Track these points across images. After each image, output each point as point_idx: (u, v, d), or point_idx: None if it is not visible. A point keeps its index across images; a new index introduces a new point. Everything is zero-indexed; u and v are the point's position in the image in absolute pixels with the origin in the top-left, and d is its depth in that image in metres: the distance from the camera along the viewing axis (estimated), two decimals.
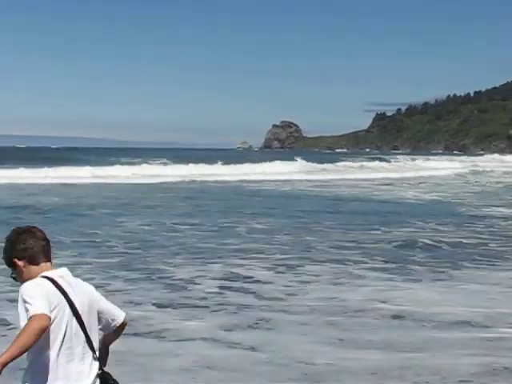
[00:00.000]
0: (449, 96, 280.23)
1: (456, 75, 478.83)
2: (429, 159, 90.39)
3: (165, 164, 61.98)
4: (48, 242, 4.15)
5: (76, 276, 4.14)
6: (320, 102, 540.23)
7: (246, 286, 12.46)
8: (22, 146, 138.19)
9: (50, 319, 3.78)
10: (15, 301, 3.98)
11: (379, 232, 19.74)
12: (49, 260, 4.12)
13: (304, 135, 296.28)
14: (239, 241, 17.54)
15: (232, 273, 13.49)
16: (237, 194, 33.85)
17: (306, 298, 11.60)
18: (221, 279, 12.91)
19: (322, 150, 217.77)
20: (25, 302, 3.79)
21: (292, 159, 66.50)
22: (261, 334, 9.46)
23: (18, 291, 3.89)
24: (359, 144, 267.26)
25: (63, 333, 3.91)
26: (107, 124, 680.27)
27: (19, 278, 4.08)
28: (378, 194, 35.95)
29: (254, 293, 11.93)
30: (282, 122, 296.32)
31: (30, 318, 3.71)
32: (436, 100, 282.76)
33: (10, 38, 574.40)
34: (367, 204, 29.39)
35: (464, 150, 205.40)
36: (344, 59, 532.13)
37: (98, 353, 4.09)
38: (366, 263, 14.72)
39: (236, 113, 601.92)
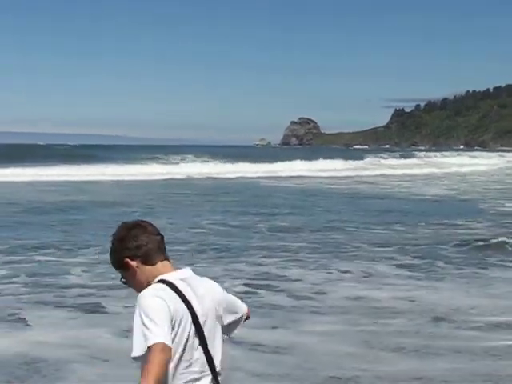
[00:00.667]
0: (468, 91, 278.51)
1: (475, 70, 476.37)
2: (460, 155, 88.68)
3: (205, 161, 60.96)
4: (162, 237, 3.58)
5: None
6: (338, 99, 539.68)
7: (274, 283, 12.12)
8: (41, 144, 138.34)
9: (171, 350, 3.21)
10: None
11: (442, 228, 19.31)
12: (166, 258, 3.55)
13: (322, 132, 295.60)
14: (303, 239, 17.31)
15: (261, 272, 13.17)
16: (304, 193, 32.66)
17: (335, 297, 11.20)
18: (248, 278, 12.54)
19: (340, 146, 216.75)
20: (144, 325, 3.18)
21: (324, 156, 66.15)
22: (286, 335, 9.07)
23: None
24: (378, 140, 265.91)
25: (181, 351, 3.31)
26: (118, 121, 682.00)
27: (131, 281, 3.51)
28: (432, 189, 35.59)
29: (283, 291, 11.54)
30: (300, 118, 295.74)
31: (150, 347, 3.14)
32: (455, 96, 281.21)
33: (9, 38, 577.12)
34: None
35: (484, 146, 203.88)
36: (363, 55, 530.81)
37: (220, 376, 3.46)
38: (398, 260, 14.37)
39: (253, 110, 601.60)
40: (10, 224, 19.16)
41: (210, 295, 3.46)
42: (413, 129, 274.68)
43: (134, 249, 3.48)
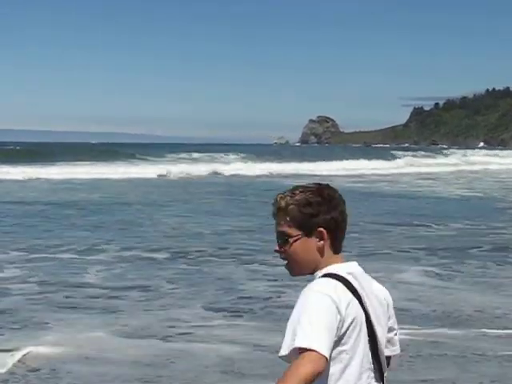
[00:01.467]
0: (487, 90, 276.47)
1: (495, 69, 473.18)
2: (488, 154, 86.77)
3: (249, 160, 59.66)
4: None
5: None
6: (357, 97, 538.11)
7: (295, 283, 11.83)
8: (63, 142, 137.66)
9: (326, 361, 2.59)
10: None
11: None
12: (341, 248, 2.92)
13: (341, 130, 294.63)
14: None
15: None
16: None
17: None
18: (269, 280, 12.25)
19: (359, 145, 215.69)
20: (299, 322, 2.63)
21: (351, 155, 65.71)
22: None
23: None
24: (396, 139, 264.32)
25: (359, 360, 2.77)
26: (139, 120, 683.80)
27: (302, 255, 2.85)
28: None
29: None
30: (318, 116, 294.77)
31: (301, 354, 2.58)
32: (474, 94, 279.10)
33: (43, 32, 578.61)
34: None
35: (504, 145, 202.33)
36: (382, 54, 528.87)
37: None
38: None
39: (271, 108, 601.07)
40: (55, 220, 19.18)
41: (379, 300, 2.90)
42: (432, 127, 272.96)
43: (332, 221, 2.85)
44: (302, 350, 2.58)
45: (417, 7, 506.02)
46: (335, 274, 2.80)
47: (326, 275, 2.80)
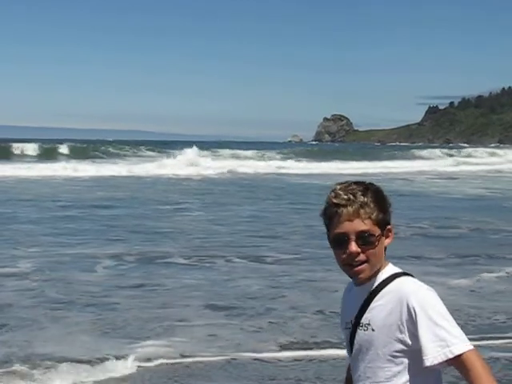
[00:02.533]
0: (503, 89, 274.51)
1: (511, 67, 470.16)
2: None
3: (317, 160, 56.57)
4: None
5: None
6: (371, 95, 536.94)
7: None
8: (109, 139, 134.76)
9: None
10: None
11: None
12: None
13: (355, 128, 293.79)
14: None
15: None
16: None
17: None
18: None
19: (373, 143, 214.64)
20: (439, 326, 2.53)
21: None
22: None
23: None
24: (411, 138, 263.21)
25: None
26: (148, 117, 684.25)
27: (375, 260, 2.70)
28: None
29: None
30: (332, 115, 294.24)
31: (461, 356, 2.51)
32: (490, 93, 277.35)
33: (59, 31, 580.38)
34: None
35: None
36: (396, 51, 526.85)
37: None
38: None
39: (285, 106, 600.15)
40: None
41: None
42: (446, 126, 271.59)
43: (389, 217, 2.79)
44: (464, 353, 2.52)
45: (433, 4, 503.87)
46: (409, 273, 2.74)
47: (403, 274, 2.73)
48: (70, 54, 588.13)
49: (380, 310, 2.66)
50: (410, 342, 2.59)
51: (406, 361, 2.62)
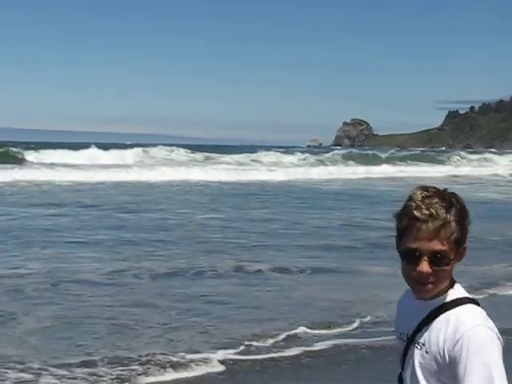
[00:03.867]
0: None
1: None
2: None
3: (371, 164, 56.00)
4: None
5: None
6: (391, 100, 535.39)
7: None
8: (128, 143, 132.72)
9: None
10: None
11: None
12: None
13: (374, 133, 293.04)
14: None
15: None
16: None
17: None
18: None
19: (393, 148, 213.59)
20: (491, 378, 2.36)
21: None
22: None
23: None
24: (430, 142, 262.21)
25: None
26: (162, 120, 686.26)
27: (443, 281, 2.53)
28: None
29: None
30: (352, 119, 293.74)
31: None
32: (511, 97, 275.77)
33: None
34: None
35: None
36: (416, 56, 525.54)
37: None
38: None
39: (304, 110, 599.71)
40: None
41: None
42: (467, 130, 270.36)
43: (466, 235, 2.58)
44: None
45: (455, 9, 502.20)
46: (474, 299, 2.56)
47: (467, 300, 2.55)
48: (71, 56, 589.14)
49: (436, 334, 2.51)
50: (458, 377, 2.44)
51: None
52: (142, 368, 7.49)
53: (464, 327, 2.43)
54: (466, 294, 2.58)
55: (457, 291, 2.57)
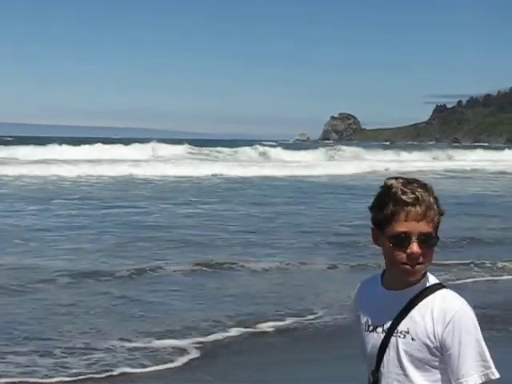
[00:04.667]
0: None
1: None
2: None
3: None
4: None
5: None
6: (379, 94, 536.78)
7: None
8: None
9: None
10: None
11: None
12: None
13: (362, 127, 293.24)
14: None
15: None
16: None
17: None
18: None
19: (381, 142, 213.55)
20: (483, 348, 2.55)
21: None
22: None
23: None
24: (418, 137, 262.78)
25: None
26: (146, 114, 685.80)
27: (428, 264, 2.60)
28: None
29: None
30: (340, 113, 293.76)
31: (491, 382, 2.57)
32: (498, 92, 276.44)
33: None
34: None
35: None
36: (404, 51, 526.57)
37: None
38: None
39: (291, 104, 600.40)
40: None
41: None
42: (454, 125, 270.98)
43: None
44: (493, 380, 2.57)
45: (443, 4, 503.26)
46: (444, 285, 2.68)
47: (442, 286, 2.66)
48: (72, 52, 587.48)
49: (421, 320, 2.56)
50: (447, 359, 2.55)
51: (438, 376, 2.58)
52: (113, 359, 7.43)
53: (452, 309, 2.53)
54: (437, 280, 2.66)
55: (431, 277, 2.65)
